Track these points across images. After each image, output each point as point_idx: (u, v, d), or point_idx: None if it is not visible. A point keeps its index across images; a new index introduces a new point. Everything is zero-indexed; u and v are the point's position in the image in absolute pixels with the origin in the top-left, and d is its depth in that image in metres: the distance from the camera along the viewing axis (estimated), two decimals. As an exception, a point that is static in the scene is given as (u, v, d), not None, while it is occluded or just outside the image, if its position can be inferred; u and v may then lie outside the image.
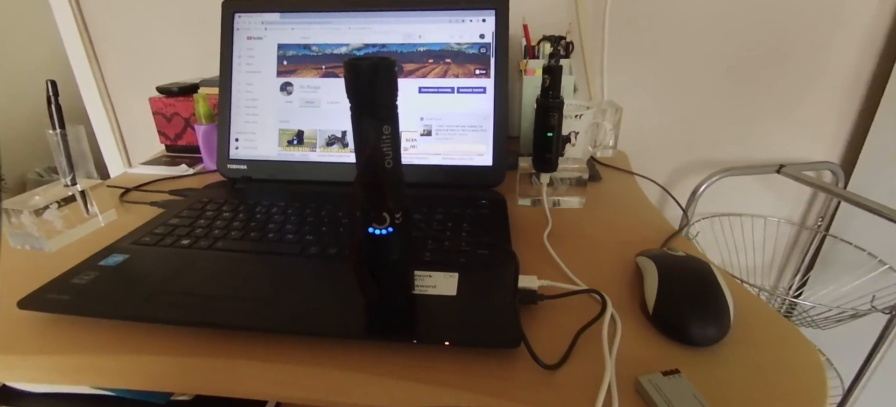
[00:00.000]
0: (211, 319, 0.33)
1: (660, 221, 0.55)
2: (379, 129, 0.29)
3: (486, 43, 0.57)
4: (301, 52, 0.60)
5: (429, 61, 0.58)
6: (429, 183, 0.58)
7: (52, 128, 0.48)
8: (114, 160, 0.98)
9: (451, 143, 0.58)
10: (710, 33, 0.82)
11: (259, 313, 0.34)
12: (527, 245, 0.48)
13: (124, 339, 0.34)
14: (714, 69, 0.84)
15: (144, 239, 0.45)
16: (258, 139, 0.61)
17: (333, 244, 0.44)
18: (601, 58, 0.83)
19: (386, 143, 0.29)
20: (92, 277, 0.38)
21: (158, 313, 0.34)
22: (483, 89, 0.57)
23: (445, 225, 0.48)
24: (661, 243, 0.49)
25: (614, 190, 0.64)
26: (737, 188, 0.96)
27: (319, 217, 0.50)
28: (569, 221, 0.54)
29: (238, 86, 0.61)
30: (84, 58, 0.89)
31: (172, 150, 0.77)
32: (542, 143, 0.52)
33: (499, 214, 0.51)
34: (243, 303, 0.35)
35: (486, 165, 0.58)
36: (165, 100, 0.73)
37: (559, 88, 0.50)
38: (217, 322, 0.33)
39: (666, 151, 0.92)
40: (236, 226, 0.48)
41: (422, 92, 0.58)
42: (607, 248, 0.48)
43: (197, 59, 0.93)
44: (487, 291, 0.37)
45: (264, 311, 0.34)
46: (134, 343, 0.33)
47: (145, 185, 0.62)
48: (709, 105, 0.87)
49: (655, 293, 0.36)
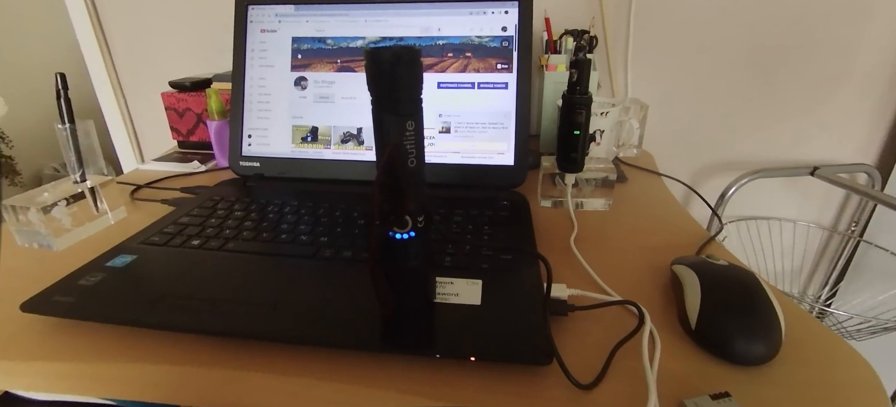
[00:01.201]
0: (218, 326, 0.31)
1: (691, 225, 0.52)
2: (402, 125, 0.26)
3: (508, 36, 0.54)
4: (316, 45, 0.58)
5: (448, 55, 0.55)
6: (447, 182, 0.55)
7: (61, 122, 0.46)
8: (126, 156, 0.98)
9: (471, 140, 0.55)
10: (738, 28, 0.78)
11: (269, 321, 0.32)
12: (552, 250, 0.45)
13: (129, 345, 0.32)
14: (740, 65, 0.80)
15: (153, 239, 0.43)
16: (271, 136, 0.59)
17: (348, 246, 0.42)
18: (625, 53, 0.80)
19: (409, 141, 0.27)
20: (98, 279, 0.36)
21: (165, 319, 0.32)
22: (504, 85, 0.55)
23: (466, 227, 0.46)
24: (695, 250, 0.46)
25: (641, 191, 0.61)
26: (764, 189, 0.92)
27: (333, 217, 0.48)
28: (595, 225, 0.51)
29: (251, 81, 0.59)
30: (97, 52, 0.88)
31: (184, 147, 0.75)
32: (567, 141, 0.50)
33: (521, 216, 0.48)
34: (253, 309, 0.33)
35: (508, 165, 0.55)
36: (177, 95, 0.72)
37: (588, 84, 0.47)
38: (225, 330, 0.31)
39: (690, 150, 0.88)
40: (248, 226, 0.46)
41: (441, 87, 0.55)
42: (638, 253, 0.45)
43: (210, 54, 0.92)
44: (514, 301, 0.34)
45: (275, 318, 0.32)
46: (139, 350, 0.31)
47: (156, 182, 0.61)
48: (734, 102, 0.83)
49: (698, 306, 0.34)
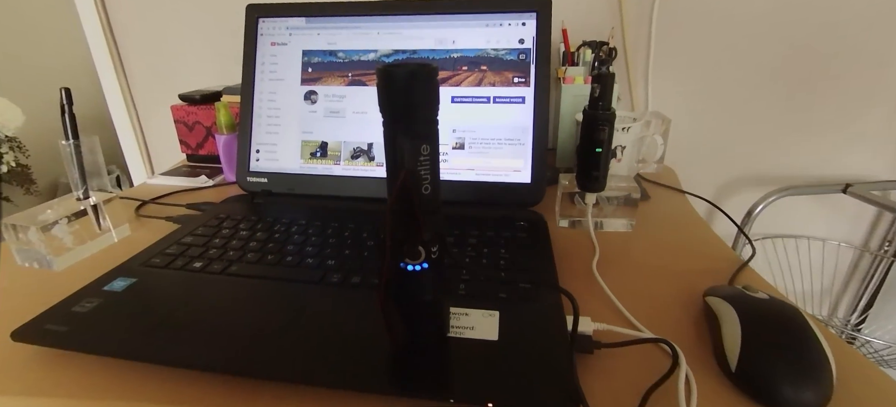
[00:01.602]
0: (216, 362, 0.29)
1: (721, 247, 0.48)
2: (416, 148, 0.24)
3: (525, 49, 0.52)
4: (327, 58, 0.56)
5: (463, 68, 0.53)
6: (461, 200, 0.53)
7: (65, 138, 0.45)
8: (137, 169, 0.97)
9: (486, 157, 0.53)
10: (767, 37, 0.75)
11: (270, 356, 0.29)
12: (572, 276, 0.42)
13: (121, 380, 0.30)
14: (768, 76, 0.77)
15: (154, 260, 0.41)
16: (280, 151, 0.57)
17: (357, 270, 0.39)
18: (646, 64, 0.77)
19: (424, 165, 0.25)
20: (94, 305, 0.35)
21: (160, 352, 0.30)
22: (521, 99, 0.52)
23: (481, 251, 0.43)
24: (728, 276, 0.43)
25: (665, 210, 0.58)
26: (791, 206, 0.88)
27: (342, 238, 0.45)
28: (617, 247, 0.48)
29: (260, 94, 0.58)
30: (109, 63, 0.88)
31: (193, 160, 0.74)
32: (588, 159, 0.47)
33: (540, 237, 0.46)
34: (254, 342, 0.31)
35: (524, 183, 0.52)
36: (187, 108, 0.71)
37: (610, 99, 0.45)
38: (222, 366, 0.29)
39: (714, 165, 0.84)
40: (253, 246, 0.44)
41: (455, 101, 0.53)
42: (666, 280, 0.42)
43: (222, 67, 0.91)
44: (535, 336, 0.32)
45: (277, 353, 0.30)
46: (131, 386, 0.29)
47: (162, 197, 0.60)
48: (762, 115, 0.80)
49: (738, 345, 0.30)
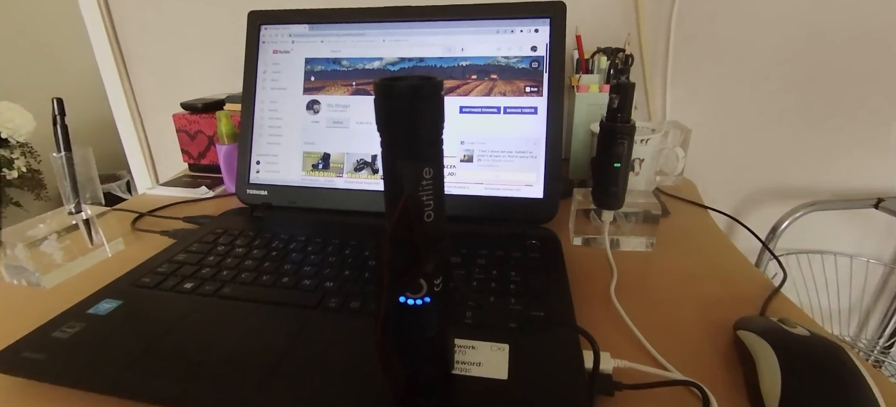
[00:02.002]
0: (202, 397, 0.27)
1: (748, 270, 0.45)
2: (418, 172, 0.21)
3: (538, 56, 0.49)
4: (330, 66, 0.54)
5: (472, 77, 0.51)
6: (468, 216, 0.50)
7: (57, 150, 0.43)
8: (142, 177, 0.96)
9: (496, 170, 0.50)
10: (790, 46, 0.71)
11: (260, 393, 0.27)
12: (589, 302, 0.39)
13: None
14: (795, 85, 0.73)
15: (144, 280, 0.39)
16: (281, 162, 0.55)
17: (356, 294, 0.37)
18: (664, 72, 0.73)
19: (426, 191, 0.22)
20: (76, 330, 0.32)
21: (142, 386, 0.28)
22: (534, 109, 0.50)
23: (489, 272, 0.40)
24: (759, 304, 0.39)
25: (686, 227, 0.54)
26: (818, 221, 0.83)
27: (342, 256, 0.43)
28: (636, 269, 0.45)
29: (261, 104, 0.56)
30: (115, 72, 0.87)
31: (195, 170, 0.73)
32: (606, 174, 0.44)
33: (553, 259, 0.43)
34: (243, 374, 0.28)
35: (536, 198, 0.50)
36: (189, 116, 0.69)
37: (630, 110, 0.42)
38: (208, 402, 0.26)
39: (734, 178, 0.81)
40: (248, 265, 0.41)
41: (463, 112, 0.51)
42: (691, 308, 0.39)
43: (228, 75, 0.90)
44: (549, 374, 0.29)
45: (267, 389, 0.27)
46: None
47: (159, 210, 0.58)
48: (788, 126, 0.76)
49: (778, 391, 0.27)
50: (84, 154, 0.45)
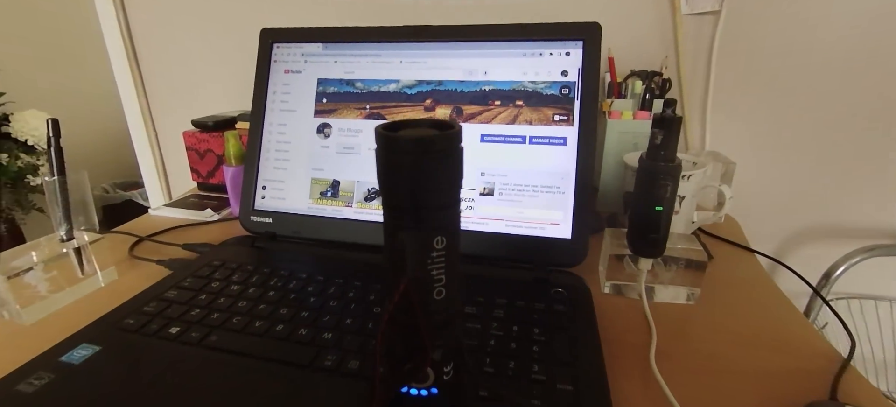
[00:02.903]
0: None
1: (809, 333, 0.39)
2: (427, 243, 0.17)
3: (569, 82, 0.45)
4: (343, 88, 0.51)
5: (495, 103, 0.46)
6: (487, 256, 0.45)
7: (51, 173, 0.41)
8: (155, 193, 0.95)
9: (519, 206, 0.45)
10: (847, 75, 0.64)
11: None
12: (623, 370, 0.34)
13: None
14: (846, 119, 0.66)
15: (128, 321, 0.36)
16: (288, 189, 0.51)
17: (356, 351, 0.32)
18: (704, 98, 0.68)
19: (437, 264, 0.18)
20: (43, 384, 0.29)
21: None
22: (563, 140, 0.45)
23: (509, 329, 0.35)
24: (827, 381, 0.33)
25: (732, 276, 0.48)
26: (873, 267, 0.75)
27: (345, 300, 0.39)
28: (678, 328, 0.39)
29: (270, 126, 0.53)
30: (131, 87, 0.86)
31: (204, 189, 0.70)
32: (646, 219, 0.39)
33: (582, 315, 0.38)
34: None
35: (563, 238, 0.45)
36: (199, 135, 0.67)
37: (675, 148, 0.37)
38: None
39: (780, 216, 0.73)
40: (241, 307, 0.37)
41: (484, 140, 0.46)
42: (745, 384, 0.33)
43: (243, 92, 0.88)
44: (581, 477, 0.23)
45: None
46: None
47: (159, 234, 0.55)
48: (845, 160, 0.68)
49: None
50: (78, 178, 0.42)
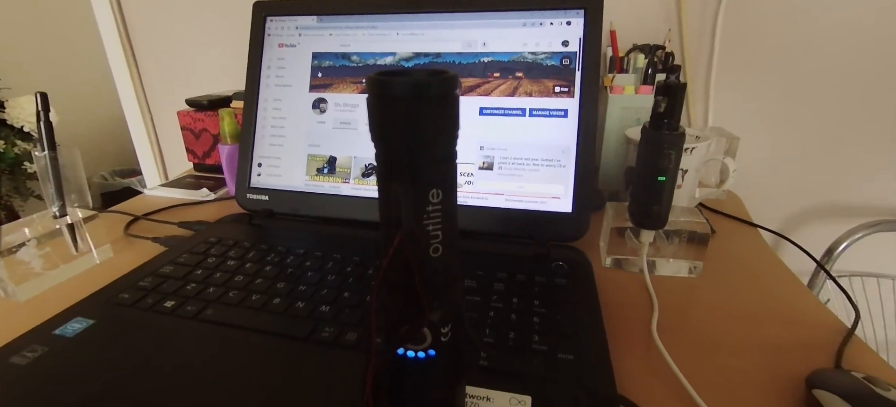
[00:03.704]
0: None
1: (812, 305, 0.38)
2: (422, 196, 0.16)
3: (570, 53, 0.44)
4: (339, 62, 0.50)
5: (494, 75, 0.45)
6: (486, 231, 0.45)
7: (41, 148, 0.40)
8: (152, 175, 0.94)
9: (519, 180, 0.45)
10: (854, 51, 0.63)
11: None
12: (624, 342, 0.33)
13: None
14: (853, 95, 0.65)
15: (123, 296, 0.35)
16: (284, 166, 0.51)
17: (354, 322, 0.32)
18: (707, 73, 0.66)
19: (433, 220, 0.17)
20: (36, 356, 0.29)
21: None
22: (563, 112, 0.44)
23: (509, 301, 0.35)
24: (830, 351, 0.33)
25: (734, 250, 0.48)
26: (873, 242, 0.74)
27: (343, 274, 0.38)
28: (680, 301, 0.39)
29: (265, 101, 0.52)
30: (125, 68, 0.85)
31: (200, 170, 0.69)
32: (648, 190, 0.38)
33: (583, 287, 0.37)
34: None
35: (564, 212, 0.44)
36: (194, 114, 0.66)
37: (679, 116, 0.36)
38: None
39: (783, 193, 0.73)
40: (238, 282, 0.37)
41: (483, 114, 0.45)
42: (748, 354, 0.32)
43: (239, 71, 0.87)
44: (582, 443, 0.23)
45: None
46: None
47: (155, 213, 0.54)
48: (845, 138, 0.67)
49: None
50: (71, 154, 0.42)
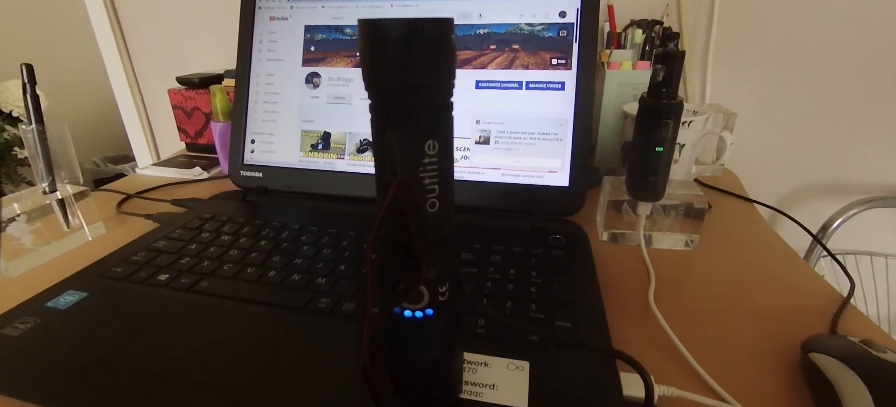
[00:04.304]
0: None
1: (808, 276, 0.38)
2: (418, 147, 0.16)
3: (567, 23, 0.43)
4: (332, 35, 0.49)
5: (490, 48, 0.45)
6: (483, 206, 0.44)
7: (28, 121, 0.39)
8: (143, 157, 0.93)
9: (516, 154, 0.44)
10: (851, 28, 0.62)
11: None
12: (621, 311, 0.33)
13: (39, 435, 0.23)
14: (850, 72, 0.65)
15: (115, 270, 0.35)
16: (277, 142, 0.50)
17: (350, 294, 0.32)
18: (705, 49, 0.66)
19: (430, 172, 0.16)
20: (28, 328, 0.28)
21: (85, 402, 0.23)
22: (560, 85, 0.43)
23: (506, 272, 0.35)
24: (825, 319, 0.33)
25: (730, 224, 0.48)
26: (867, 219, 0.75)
27: (339, 248, 0.38)
28: (676, 272, 0.39)
29: (257, 77, 0.51)
30: (114, 48, 0.83)
31: (193, 150, 0.68)
32: (645, 160, 0.38)
33: (580, 258, 0.37)
34: (208, 396, 0.23)
35: (561, 186, 0.44)
36: (185, 92, 0.65)
37: (678, 85, 0.35)
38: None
39: (780, 170, 0.73)
40: (232, 256, 0.37)
41: (480, 87, 0.45)
42: (744, 321, 0.33)
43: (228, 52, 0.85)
44: (578, 400, 0.23)
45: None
46: (49, 445, 0.23)
47: (147, 191, 0.53)
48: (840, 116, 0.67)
49: (876, 438, 0.21)
50: (59, 128, 0.41)
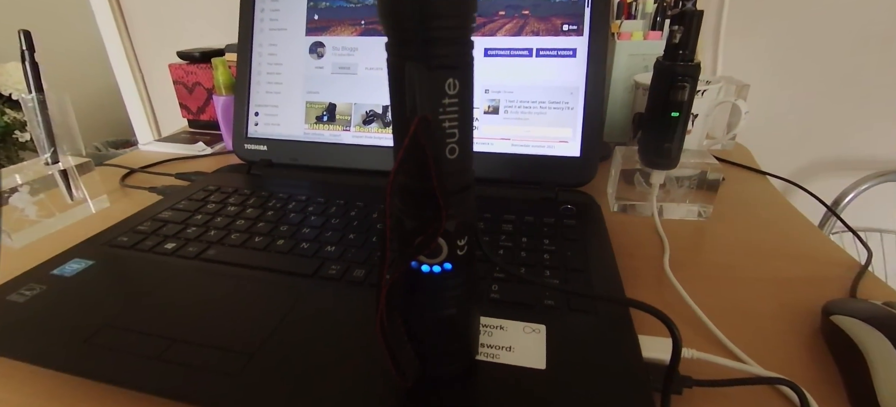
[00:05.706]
0: (163, 383, 0.22)
1: (825, 244, 0.38)
2: (438, 84, 0.15)
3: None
4: (336, 3, 0.47)
5: (499, 14, 0.43)
6: (493, 178, 0.44)
7: (28, 90, 0.38)
8: (144, 134, 0.92)
9: (526, 124, 0.43)
10: None
11: (234, 384, 0.22)
12: (638, 278, 0.33)
13: (48, 397, 0.23)
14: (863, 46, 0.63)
15: (121, 239, 0.34)
16: (282, 114, 0.49)
17: (360, 261, 0.31)
18: (717, 21, 0.64)
19: (450, 113, 0.16)
20: (34, 294, 0.28)
21: (96, 364, 0.23)
22: (572, 52, 0.42)
23: (518, 241, 0.34)
24: (848, 286, 0.32)
25: (744, 196, 0.47)
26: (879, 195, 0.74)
27: (347, 218, 0.37)
28: (690, 242, 0.38)
29: (259, 47, 0.49)
30: (112, 22, 0.81)
31: (195, 126, 0.68)
32: (660, 127, 0.37)
33: (592, 226, 0.36)
34: (217, 359, 0.23)
35: (572, 156, 0.43)
36: (186, 67, 0.63)
37: (695, 46, 0.34)
38: (170, 390, 0.21)
39: (792, 144, 0.72)
40: (239, 226, 0.36)
41: (488, 55, 0.44)
42: (761, 287, 0.32)
43: (229, 27, 0.84)
44: (597, 364, 0.23)
45: (244, 380, 0.22)
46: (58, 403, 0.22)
47: (151, 166, 0.53)
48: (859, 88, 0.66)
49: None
50: (60, 99, 0.40)
